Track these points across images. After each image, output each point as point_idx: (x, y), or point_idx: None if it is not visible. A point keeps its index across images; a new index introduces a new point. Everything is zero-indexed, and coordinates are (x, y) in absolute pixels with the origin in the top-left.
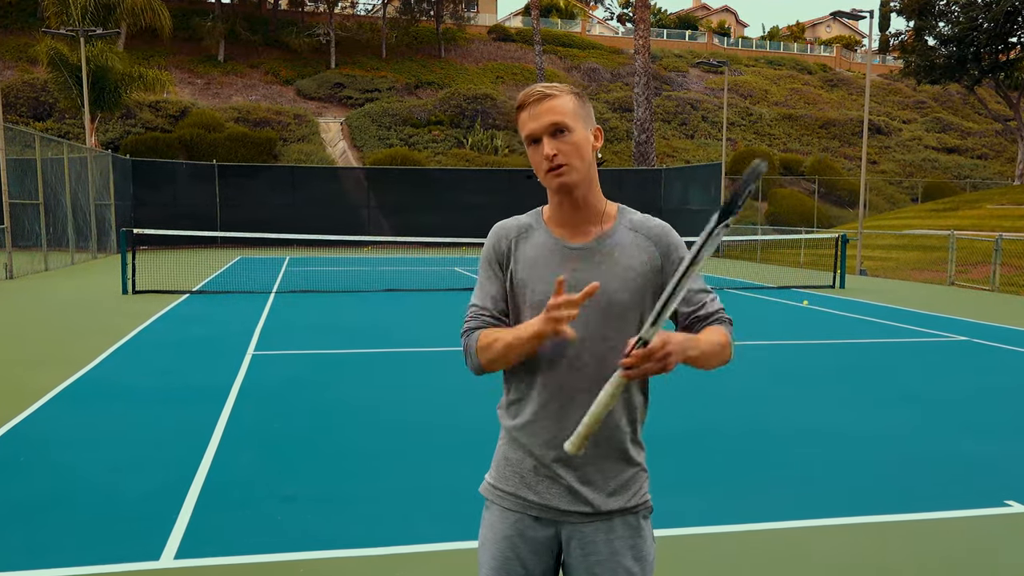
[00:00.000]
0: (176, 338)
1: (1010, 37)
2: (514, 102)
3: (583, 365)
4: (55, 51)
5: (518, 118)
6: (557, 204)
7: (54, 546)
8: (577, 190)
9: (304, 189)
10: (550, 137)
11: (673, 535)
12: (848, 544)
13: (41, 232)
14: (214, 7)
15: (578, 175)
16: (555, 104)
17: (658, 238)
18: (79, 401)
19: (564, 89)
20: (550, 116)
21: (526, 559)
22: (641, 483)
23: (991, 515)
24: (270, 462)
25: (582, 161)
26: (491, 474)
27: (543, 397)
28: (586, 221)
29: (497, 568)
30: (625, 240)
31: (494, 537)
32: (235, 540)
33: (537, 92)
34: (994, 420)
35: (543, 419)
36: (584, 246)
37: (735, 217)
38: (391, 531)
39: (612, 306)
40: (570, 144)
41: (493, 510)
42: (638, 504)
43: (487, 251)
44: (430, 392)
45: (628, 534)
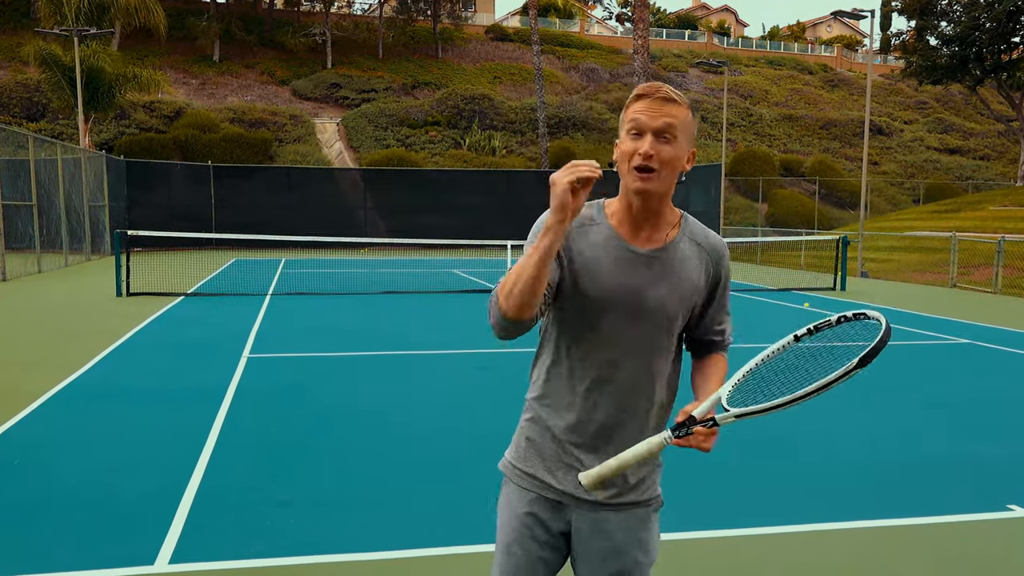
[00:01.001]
0: (171, 341)
1: (1012, 37)
2: (511, 102)
3: (621, 361)
4: (47, 51)
5: (630, 105)
6: (628, 205)
7: (48, 550)
8: (653, 199)
9: (300, 190)
10: (655, 137)
11: (673, 539)
12: (848, 549)
13: (34, 234)
14: (209, 7)
15: (661, 185)
16: (675, 110)
17: (718, 255)
18: (73, 404)
19: (685, 101)
20: (666, 118)
21: (539, 536)
22: (655, 477)
23: (993, 519)
24: (266, 466)
25: (671, 173)
26: (511, 452)
27: (576, 382)
28: (653, 228)
29: (511, 543)
30: (687, 253)
31: (510, 513)
32: (231, 544)
33: (665, 91)
34: (996, 424)
35: (572, 403)
36: (649, 253)
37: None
38: (389, 536)
39: (662, 316)
40: (668, 153)
41: (511, 487)
42: (651, 498)
43: (536, 229)
44: (428, 395)
45: (638, 527)
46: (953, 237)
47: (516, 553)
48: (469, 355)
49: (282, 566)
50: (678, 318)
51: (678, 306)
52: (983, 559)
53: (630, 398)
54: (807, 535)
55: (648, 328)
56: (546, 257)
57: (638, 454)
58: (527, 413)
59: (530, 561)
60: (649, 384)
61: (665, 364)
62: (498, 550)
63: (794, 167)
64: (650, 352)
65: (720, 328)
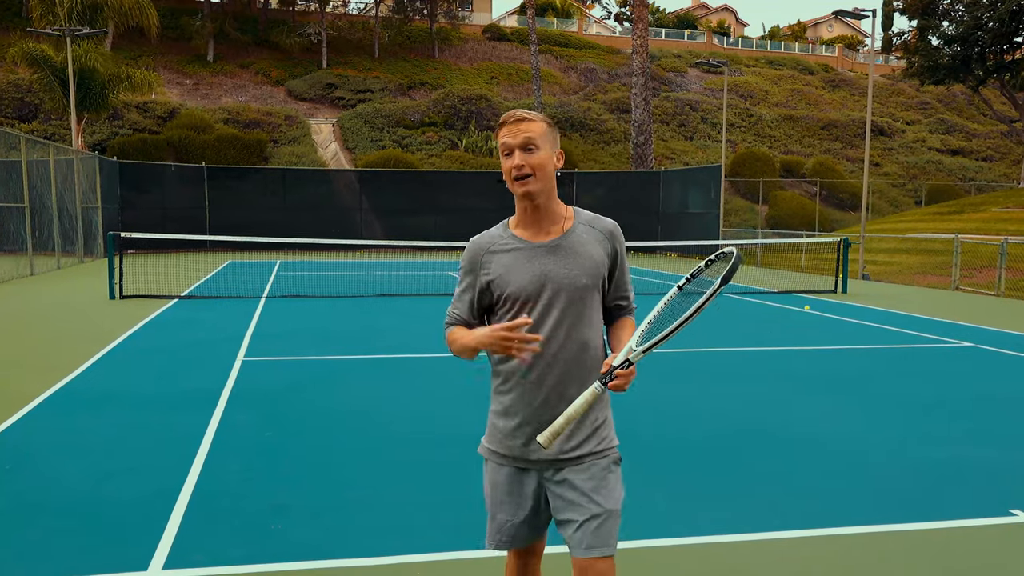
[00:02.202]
0: (165, 344)
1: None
2: (509, 103)
3: (555, 338)
4: (38, 52)
5: (497, 133)
6: (522, 210)
7: (40, 555)
8: (538, 197)
9: (295, 192)
10: (522, 151)
11: (670, 544)
12: (849, 554)
13: (26, 236)
14: (203, 6)
15: (539, 185)
16: (529, 126)
17: (611, 233)
18: (66, 408)
19: (538, 116)
20: (524, 134)
21: (519, 498)
22: (607, 431)
23: (995, 524)
24: (261, 470)
25: (544, 174)
26: (485, 438)
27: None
28: (548, 223)
29: (495, 511)
30: (584, 236)
31: (493, 483)
32: (225, 550)
33: (519, 114)
34: (999, 428)
35: (524, 384)
36: (550, 243)
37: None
38: (385, 541)
39: (577, 290)
40: (536, 159)
41: (489, 465)
42: (606, 449)
43: (464, 263)
44: (425, 398)
45: (598, 475)
46: (955, 239)
47: (499, 518)
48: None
49: (278, 571)
50: (591, 289)
51: (587, 279)
52: (985, 565)
53: (570, 367)
54: (805, 540)
55: (566, 302)
56: (472, 354)
57: (578, 407)
58: (492, 403)
59: (512, 523)
60: (582, 351)
61: (590, 331)
62: (488, 520)
63: (795, 168)
64: (575, 322)
65: (624, 294)
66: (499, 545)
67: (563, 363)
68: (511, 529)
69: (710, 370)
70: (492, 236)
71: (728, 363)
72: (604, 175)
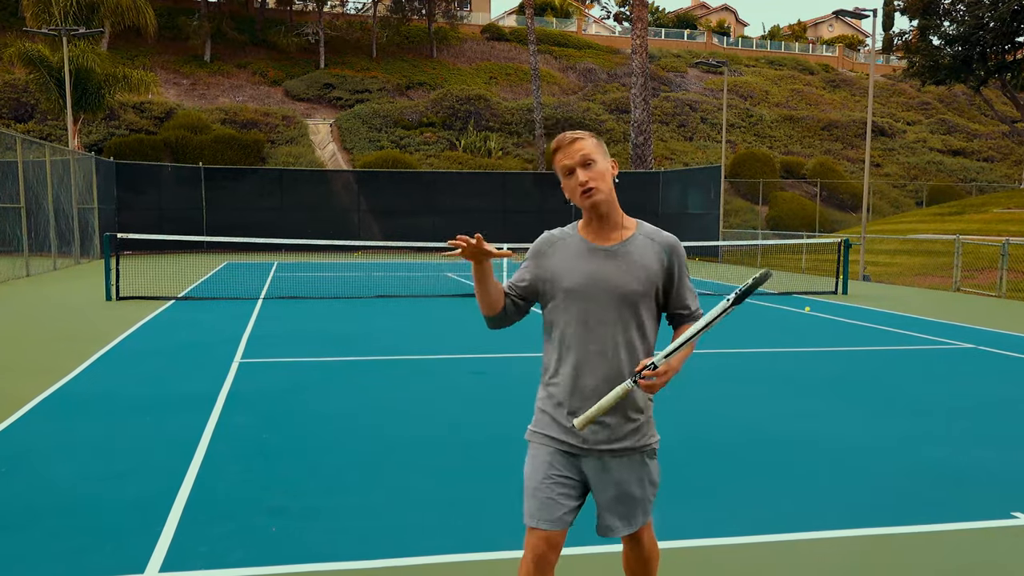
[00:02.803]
0: (161, 345)
1: (1017, 36)
2: (508, 103)
3: (601, 336)
4: (34, 52)
5: (554, 157)
6: (588, 219)
7: (36, 559)
8: (603, 206)
9: (293, 192)
10: (582, 168)
11: (668, 548)
12: (849, 557)
13: (22, 237)
14: (200, 6)
15: (602, 195)
16: (583, 144)
17: (669, 247)
18: (62, 410)
19: (587, 134)
20: (580, 152)
21: (560, 478)
22: (648, 428)
23: (997, 527)
24: (258, 473)
25: (605, 183)
26: (532, 423)
27: (568, 356)
28: (610, 229)
29: (536, 487)
30: (642, 247)
31: (534, 466)
32: (222, 553)
33: (569, 137)
34: (1000, 430)
35: (568, 375)
36: (608, 247)
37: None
38: (383, 544)
39: (627, 295)
40: (596, 172)
41: (535, 447)
42: (644, 445)
43: (533, 248)
44: (424, 401)
45: (636, 467)
46: (957, 240)
47: (539, 497)
48: (463, 360)
49: (275, 574)
50: (641, 296)
51: (637, 286)
52: (986, 568)
53: (611, 365)
54: (805, 543)
55: (617, 304)
56: (477, 284)
57: (610, 399)
58: (540, 392)
59: (554, 501)
60: (628, 351)
61: (637, 334)
62: (526, 496)
63: (795, 169)
64: (623, 324)
65: (684, 304)
66: (540, 522)
67: (608, 360)
68: (552, 507)
69: (709, 372)
70: (562, 232)
71: (728, 365)
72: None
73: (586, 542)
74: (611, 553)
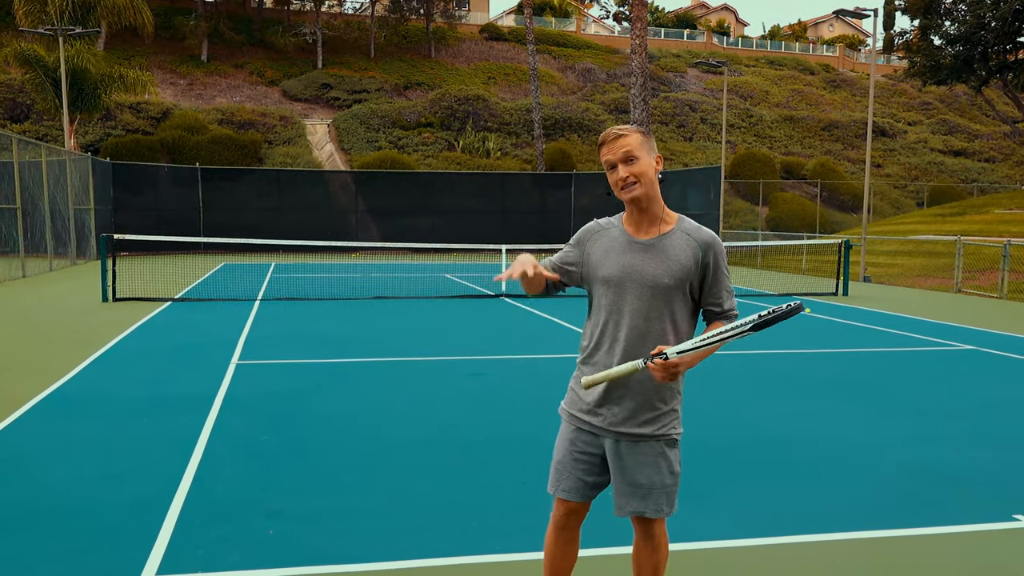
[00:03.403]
0: (158, 347)
1: (1018, 36)
2: (506, 103)
3: (633, 325)
4: (30, 52)
5: (600, 151)
6: (629, 212)
7: (31, 561)
8: (642, 201)
9: (290, 193)
10: (623, 164)
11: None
12: (849, 560)
13: (18, 237)
14: (197, 5)
15: (642, 190)
16: (626, 140)
17: (706, 244)
18: (58, 412)
19: (632, 129)
20: (623, 148)
21: (577, 457)
22: (669, 420)
23: (998, 530)
24: (255, 475)
25: (647, 179)
26: (565, 400)
27: (604, 341)
28: (650, 223)
29: (560, 460)
30: (679, 243)
31: (561, 440)
32: (220, 556)
33: (614, 132)
34: (1002, 432)
35: (601, 358)
36: (646, 241)
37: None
38: (381, 546)
39: (658, 288)
40: (637, 168)
41: (564, 424)
42: (663, 435)
43: (578, 236)
44: (422, 403)
45: (651, 454)
46: (958, 241)
47: (560, 470)
48: (461, 362)
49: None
50: (673, 289)
51: (670, 280)
52: (987, 571)
53: (640, 352)
54: (805, 545)
55: (649, 296)
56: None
57: (621, 370)
58: (576, 371)
59: (572, 474)
60: (657, 341)
61: (668, 325)
62: (552, 469)
63: (795, 169)
64: (654, 315)
65: (717, 302)
66: (558, 491)
67: (636, 349)
68: (570, 479)
69: (709, 374)
70: (608, 222)
71: (727, 367)
72: (602, 176)
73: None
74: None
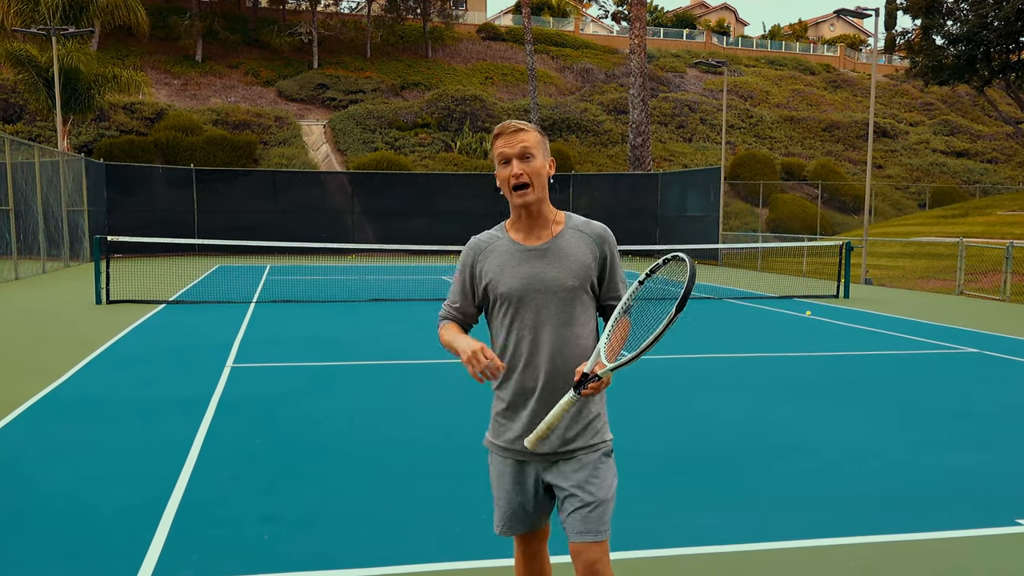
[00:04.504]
0: (152, 350)
1: (1022, 36)
2: (504, 104)
3: (541, 338)
4: (23, 51)
5: (494, 143)
6: (517, 216)
7: (24, 566)
8: (534, 205)
9: (286, 194)
10: (519, 159)
11: (667, 555)
12: (848, 565)
13: (11, 239)
14: (191, 5)
15: (535, 194)
16: (526, 136)
17: (600, 237)
18: (51, 415)
19: (532, 127)
20: (521, 143)
21: (520, 487)
22: (598, 426)
23: (1001, 534)
24: (250, 479)
25: (540, 181)
26: (489, 432)
27: (518, 360)
28: (540, 227)
29: (499, 497)
30: (573, 240)
31: (497, 474)
32: (214, 561)
33: (512, 125)
34: (1004, 435)
35: (517, 381)
36: (540, 247)
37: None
38: (377, 551)
39: (563, 291)
40: (532, 167)
41: (493, 457)
42: (598, 443)
43: (463, 260)
44: (418, 406)
45: (590, 466)
46: (960, 243)
47: (503, 506)
48: (458, 365)
49: None
50: (578, 291)
51: (572, 281)
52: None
53: (559, 366)
54: (806, 551)
55: (556, 302)
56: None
57: (557, 413)
58: (494, 400)
59: (512, 508)
60: (571, 349)
61: (579, 330)
62: (495, 507)
63: (796, 170)
64: (563, 321)
65: (615, 295)
66: (504, 531)
67: (552, 362)
68: (515, 516)
69: (708, 376)
70: (489, 237)
71: (727, 369)
72: (601, 177)
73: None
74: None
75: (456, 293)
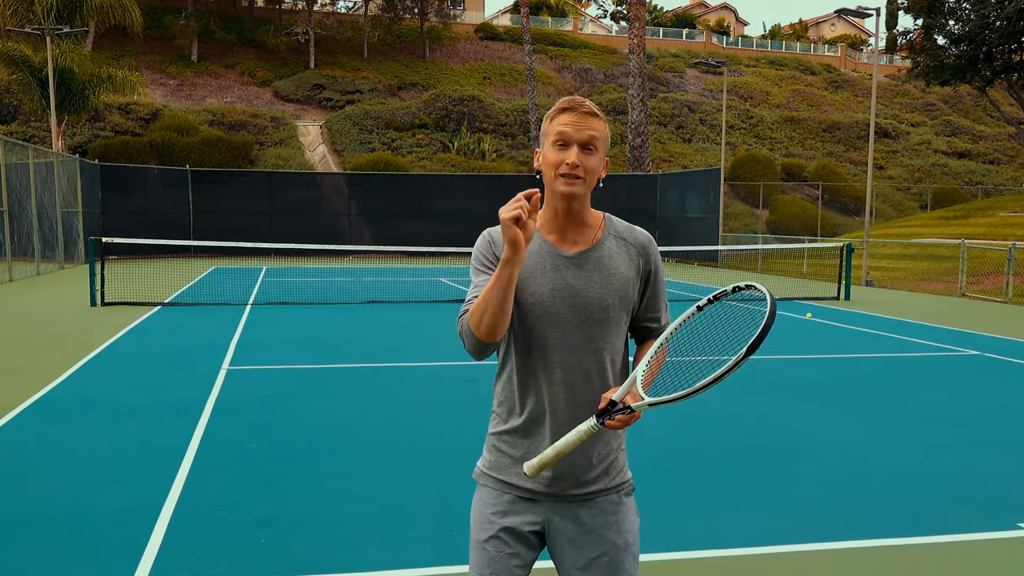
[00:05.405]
0: (147, 352)
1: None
2: (502, 104)
3: (569, 356)
4: (16, 51)
5: (555, 117)
6: (554, 211)
7: (18, 570)
8: (577, 202)
9: (282, 196)
10: (580, 149)
11: (667, 559)
12: (848, 569)
13: (5, 241)
14: (186, 4)
15: (583, 190)
16: (597, 124)
17: (644, 249)
18: (45, 417)
19: (603, 116)
20: (589, 131)
21: (515, 526)
22: (621, 462)
23: (1002, 538)
24: (246, 482)
25: (593, 180)
26: (483, 462)
27: (532, 388)
28: (577, 231)
29: (484, 540)
30: (614, 250)
31: (484, 514)
32: (209, 564)
33: (588, 106)
34: (1006, 438)
35: (530, 409)
36: (578, 255)
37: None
38: (374, 555)
39: (601, 310)
40: (592, 162)
41: (486, 490)
42: (620, 484)
43: (480, 253)
44: (414, 409)
45: (609, 510)
46: (962, 244)
47: (490, 550)
48: (456, 367)
49: None
50: (616, 310)
51: (612, 299)
52: None
53: (583, 394)
54: (805, 555)
55: (589, 324)
56: (509, 287)
57: (570, 442)
58: (493, 425)
59: (503, 555)
60: (600, 377)
61: (611, 353)
62: (473, 549)
63: (796, 171)
64: (597, 345)
65: (655, 316)
66: None
67: (578, 386)
68: (501, 561)
69: None
70: None
71: None
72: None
73: None
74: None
75: (479, 288)
